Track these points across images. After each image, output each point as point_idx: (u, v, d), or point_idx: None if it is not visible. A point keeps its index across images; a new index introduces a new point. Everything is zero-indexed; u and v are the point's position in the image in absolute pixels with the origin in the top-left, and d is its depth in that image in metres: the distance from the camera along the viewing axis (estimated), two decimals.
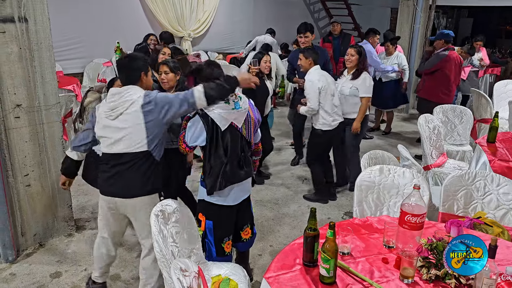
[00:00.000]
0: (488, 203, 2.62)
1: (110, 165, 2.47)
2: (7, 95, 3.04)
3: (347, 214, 4.11)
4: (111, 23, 7.61)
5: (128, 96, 2.39)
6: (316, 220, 1.80)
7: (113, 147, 2.43)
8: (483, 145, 3.56)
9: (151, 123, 2.40)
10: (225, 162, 2.52)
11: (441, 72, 5.22)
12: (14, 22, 2.97)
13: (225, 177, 2.53)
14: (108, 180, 2.49)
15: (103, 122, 2.44)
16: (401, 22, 7.93)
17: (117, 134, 2.40)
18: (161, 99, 2.41)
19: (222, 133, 2.49)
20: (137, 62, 2.51)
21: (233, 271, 2.36)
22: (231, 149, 2.53)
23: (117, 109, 2.39)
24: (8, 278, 3.06)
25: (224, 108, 2.49)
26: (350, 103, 4.19)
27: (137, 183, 2.46)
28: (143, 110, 2.37)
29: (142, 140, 2.41)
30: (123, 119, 2.39)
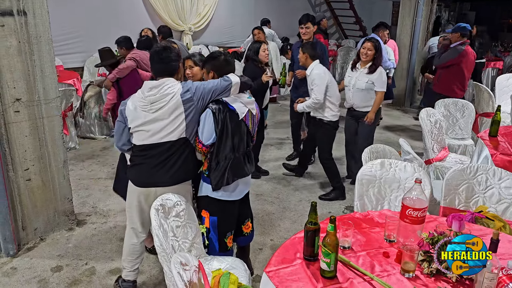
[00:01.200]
0: (489, 197, 2.61)
1: (149, 156, 2.47)
2: (6, 89, 3.02)
3: (348, 209, 4.10)
4: (111, 17, 7.57)
5: (168, 90, 2.39)
6: (316, 214, 1.79)
7: (152, 138, 2.43)
8: (485, 139, 3.54)
9: (190, 111, 2.43)
10: (233, 157, 2.53)
11: (457, 66, 5.18)
12: (13, 15, 2.95)
13: (232, 172, 2.53)
14: (149, 171, 2.48)
15: (139, 115, 2.41)
16: (403, 16, 7.88)
17: (157, 125, 2.41)
18: (198, 89, 2.45)
19: (232, 128, 2.49)
20: (175, 54, 2.49)
21: (233, 265, 2.36)
22: (239, 144, 2.55)
23: (158, 102, 2.38)
24: (9, 272, 3.07)
25: (242, 97, 2.57)
26: (365, 97, 4.17)
27: (179, 170, 2.49)
28: (183, 100, 2.40)
29: (181, 128, 2.43)
30: (164, 111, 2.39)
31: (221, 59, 2.63)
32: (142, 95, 2.42)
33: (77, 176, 4.66)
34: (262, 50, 4.33)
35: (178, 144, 2.46)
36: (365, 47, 4.09)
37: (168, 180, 2.49)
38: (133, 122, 2.44)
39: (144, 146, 2.46)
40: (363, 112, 4.23)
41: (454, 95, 5.11)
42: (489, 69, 8.11)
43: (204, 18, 9.30)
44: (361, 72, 4.15)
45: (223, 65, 2.61)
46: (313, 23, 4.67)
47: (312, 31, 4.68)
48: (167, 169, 2.48)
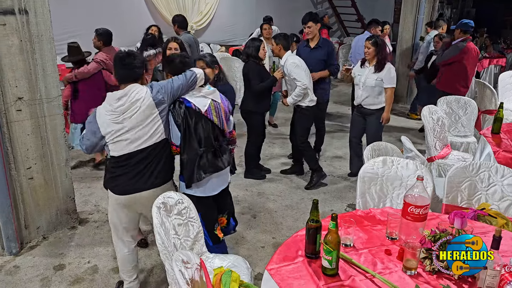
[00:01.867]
0: (492, 195, 2.60)
1: (132, 164, 2.43)
2: (8, 88, 3.03)
3: (350, 206, 4.10)
4: (113, 15, 7.56)
5: (136, 95, 2.36)
6: (318, 212, 1.78)
7: (132, 146, 2.40)
8: (487, 136, 3.53)
9: (164, 112, 2.45)
10: (201, 153, 2.55)
11: (459, 64, 5.13)
12: (14, 14, 2.95)
13: (202, 168, 2.56)
14: (132, 179, 2.45)
15: (113, 128, 2.36)
16: (405, 13, 7.85)
17: (134, 133, 2.38)
18: (167, 87, 2.46)
19: (194, 124, 2.51)
20: (139, 60, 2.46)
21: (235, 263, 2.36)
22: (205, 139, 2.56)
23: (129, 110, 2.35)
24: (12, 270, 3.08)
25: (202, 90, 2.60)
26: (375, 95, 4.18)
27: (162, 172, 2.51)
28: (156, 102, 2.40)
29: (160, 130, 2.45)
30: (138, 117, 2.37)
31: (176, 61, 2.69)
32: (110, 107, 2.36)
33: (79, 174, 4.67)
34: (262, 48, 4.35)
35: (159, 147, 2.47)
36: (365, 46, 4.13)
37: (151, 184, 2.48)
38: (108, 134, 2.38)
39: (125, 156, 2.42)
40: (371, 110, 4.23)
41: (457, 92, 5.08)
42: (492, 66, 8.09)
43: (206, 16, 9.30)
44: (369, 70, 4.15)
45: (180, 68, 2.63)
46: (315, 21, 4.63)
47: (315, 30, 4.64)
48: (149, 174, 2.47)
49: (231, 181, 4.58)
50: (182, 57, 2.74)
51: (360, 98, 4.27)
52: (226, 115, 2.70)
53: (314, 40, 4.69)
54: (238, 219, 3.80)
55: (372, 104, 4.22)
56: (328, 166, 5.08)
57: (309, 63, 4.38)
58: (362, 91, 4.22)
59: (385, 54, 4.12)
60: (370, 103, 4.22)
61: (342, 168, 5.04)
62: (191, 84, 2.52)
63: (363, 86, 4.20)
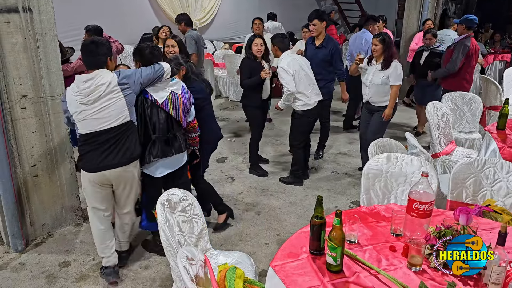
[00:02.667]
0: (497, 191, 2.59)
1: (99, 142, 2.63)
2: (13, 86, 3.04)
3: (354, 203, 4.09)
4: (116, 13, 7.57)
5: (101, 80, 2.55)
6: (322, 208, 1.78)
7: (98, 126, 2.60)
8: (492, 132, 3.51)
9: (129, 96, 2.64)
10: (153, 139, 2.82)
11: (466, 64, 5.07)
12: (18, 12, 2.96)
13: (151, 153, 2.83)
14: (99, 157, 2.65)
15: (79, 108, 2.56)
16: (408, 9, 7.80)
17: (100, 114, 2.57)
18: (134, 74, 2.67)
19: (148, 113, 2.77)
20: (103, 48, 2.64)
21: (239, 259, 2.36)
22: (159, 128, 2.82)
23: (94, 93, 2.54)
24: (17, 267, 3.10)
25: (165, 82, 2.82)
26: (381, 92, 4.15)
27: (127, 152, 2.70)
28: (120, 86, 2.59)
29: (124, 112, 2.64)
30: (103, 100, 2.55)
31: (146, 52, 2.87)
32: (77, 89, 2.55)
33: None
34: (254, 44, 4.34)
35: (124, 128, 2.66)
36: (372, 43, 4.11)
37: (117, 162, 2.68)
38: (75, 114, 2.59)
39: (91, 134, 2.61)
40: (378, 107, 4.22)
41: (463, 89, 5.04)
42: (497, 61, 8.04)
43: (209, 13, 9.28)
44: (376, 68, 4.13)
45: (149, 58, 2.84)
46: (321, 19, 4.59)
47: (320, 28, 4.60)
48: (115, 152, 2.67)
49: (235, 178, 4.60)
50: (151, 48, 2.90)
51: (367, 96, 4.26)
52: (184, 107, 2.92)
53: (320, 38, 4.67)
54: (242, 216, 3.82)
55: (379, 101, 4.20)
56: (332, 163, 5.07)
57: (313, 62, 4.36)
58: (369, 88, 4.20)
59: (392, 52, 4.08)
60: (377, 100, 4.20)
61: (346, 164, 5.03)
62: (158, 76, 2.73)
63: (370, 83, 4.18)
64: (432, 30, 5.80)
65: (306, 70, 4.17)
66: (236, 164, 5.02)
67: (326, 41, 4.66)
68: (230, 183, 4.50)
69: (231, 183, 4.50)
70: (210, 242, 2.52)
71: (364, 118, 4.47)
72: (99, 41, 2.68)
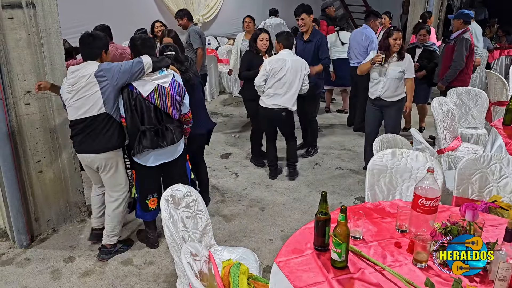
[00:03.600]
0: (503, 187, 2.56)
1: (79, 128, 2.86)
2: (17, 82, 3.04)
3: (359, 199, 4.08)
4: (120, 8, 7.57)
5: (84, 72, 2.73)
6: (327, 204, 1.77)
7: (77, 114, 2.81)
8: (498, 127, 3.48)
9: (106, 88, 2.75)
10: (142, 130, 2.89)
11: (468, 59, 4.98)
12: (21, 7, 2.95)
13: (141, 143, 2.90)
14: (81, 140, 2.90)
15: (66, 96, 2.80)
16: (414, 4, 7.76)
17: (78, 103, 2.78)
18: (112, 68, 2.76)
19: (134, 105, 2.85)
20: (99, 41, 2.85)
21: (243, 255, 2.36)
22: (147, 119, 2.88)
23: (76, 84, 2.73)
24: (23, 262, 3.11)
25: (152, 75, 2.87)
26: (395, 86, 4.12)
27: (103, 140, 2.88)
28: (97, 78, 2.72)
29: (100, 104, 2.78)
30: (82, 91, 2.74)
31: (138, 43, 2.99)
32: (65, 78, 2.81)
33: None
34: (259, 38, 4.41)
35: (100, 118, 2.82)
36: (396, 38, 3.98)
37: (92, 149, 2.90)
38: (64, 101, 2.84)
39: (73, 121, 2.86)
40: (391, 101, 4.17)
41: (465, 84, 4.99)
42: (503, 57, 7.96)
43: (213, 9, 9.26)
44: (390, 62, 4.07)
45: (139, 49, 2.96)
46: (308, 13, 4.60)
47: (308, 22, 4.62)
48: (92, 140, 2.87)
49: (239, 174, 4.59)
50: (143, 40, 3.03)
51: (380, 91, 4.15)
52: (173, 100, 2.95)
53: (308, 33, 4.68)
54: (247, 212, 3.82)
55: (392, 96, 4.15)
56: (337, 159, 5.06)
57: (303, 57, 4.35)
58: (383, 83, 4.11)
59: (404, 45, 4.09)
60: (390, 95, 4.15)
61: (350, 161, 5.01)
62: (137, 72, 2.79)
63: (384, 78, 4.11)
64: (427, 26, 5.58)
65: (287, 76, 4.05)
66: (240, 159, 5.01)
67: (313, 34, 4.69)
68: (234, 179, 4.49)
69: (235, 179, 4.50)
70: (214, 238, 2.51)
71: (372, 116, 4.39)
72: (95, 34, 2.87)
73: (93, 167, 3.01)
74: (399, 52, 4.03)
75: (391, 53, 4.05)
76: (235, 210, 3.86)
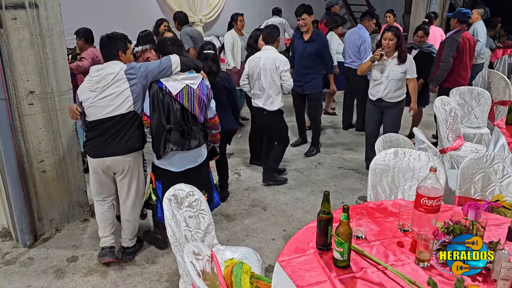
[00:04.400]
0: (506, 186, 2.56)
1: (103, 129, 2.78)
2: (20, 82, 3.05)
3: (361, 199, 4.07)
4: (122, 9, 7.56)
5: (111, 70, 2.73)
6: (329, 203, 1.77)
7: (103, 113, 2.75)
8: (501, 127, 3.47)
9: (135, 87, 2.76)
10: (168, 128, 2.84)
11: (458, 58, 4.98)
12: (25, 8, 2.96)
13: (167, 141, 2.85)
14: (103, 143, 2.80)
15: (88, 95, 2.74)
16: (416, 3, 7.74)
17: (106, 101, 2.73)
18: (141, 66, 2.78)
19: (161, 102, 2.80)
20: (115, 42, 2.84)
21: (246, 255, 2.36)
22: (174, 118, 2.84)
23: (103, 81, 2.72)
24: (26, 262, 3.12)
25: (182, 74, 2.85)
26: (397, 87, 4.10)
27: (129, 141, 2.83)
28: (127, 76, 2.73)
29: (129, 102, 2.76)
30: (110, 89, 2.72)
31: (168, 44, 2.98)
32: (89, 77, 2.77)
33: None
34: (261, 38, 4.38)
35: (128, 117, 2.79)
36: (386, 38, 3.97)
37: (118, 150, 2.82)
38: (84, 102, 2.77)
39: (96, 121, 2.77)
40: (393, 102, 4.16)
41: (457, 85, 4.94)
42: (506, 56, 7.93)
43: (215, 9, 9.25)
44: (390, 62, 4.04)
45: (169, 49, 2.93)
46: (308, 13, 4.61)
47: (309, 22, 4.62)
48: (117, 140, 2.80)
49: (241, 174, 4.60)
50: (172, 40, 3.04)
51: (381, 92, 4.14)
52: (200, 102, 2.90)
53: (308, 33, 4.68)
54: (249, 211, 3.82)
55: (394, 97, 4.13)
56: (339, 159, 5.06)
57: (303, 57, 4.35)
58: (386, 84, 4.10)
59: (405, 45, 4.04)
60: (391, 96, 4.13)
61: (353, 160, 5.01)
62: (164, 70, 2.78)
63: (386, 79, 4.08)
64: (425, 28, 5.42)
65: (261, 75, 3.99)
66: (242, 159, 5.02)
67: (315, 35, 4.70)
68: (236, 179, 4.50)
69: (237, 179, 4.50)
70: (217, 237, 2.52)
71: (372, 117, 4.38)
72: (112, 35, 2.87)
73: (111, 171, 2.91)
74: (400, 55, 3.99)
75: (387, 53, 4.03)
76: (237, 210, 3.86)
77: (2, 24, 2.90)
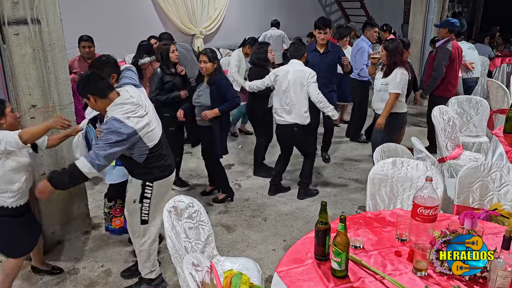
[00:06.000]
0: (504, 195, 2.57)
1: (164, 145, 2.76)
2: (22, 96, 3.09)
3: (361, 208, 4.08)
4: (123, 22, 7.65)
5: (136, 91, 2.70)
6: (327, 214, 1.79)
7: (159, 131, 2.69)
8: (499, 136, 3.49)
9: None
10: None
11: (449, 67, 5.02)
12: (27, 24, 3.01)
13: None
14: (170, 156, 2.82)
15: (146, 121, 2.55)
16: (414, 13, 7.80)
17: (154, 119, 2.69)
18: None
19: None
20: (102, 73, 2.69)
21: (245, 265, 2.37)
22: None
23: (139, 102, 2.63)
24: (28, 274, 3.13)
25: None
26: (381, 99, 4.10)
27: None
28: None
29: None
30: (148, 106, 2.70)
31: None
32: (132, 106, 2.48)
33: (92, 180, 4.71)
34: (269, 51, 4.49)
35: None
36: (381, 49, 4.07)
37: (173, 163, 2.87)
38: (145, 128, 2.52)
39: (157, 142, 2.63)
40: (379, 114, 4.16)
41: (449, 94, 5.01)
42: (504, 65, 7.99)
43: (215, 21, 9.36)
44: (379, 74, 4.12)
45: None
46: (330, 27, 4.67)
47: (328, 36, 4.68)
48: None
49: (242, 184, 4.61)
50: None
51: (373, 102, 4.24)
52: None
53: (324, 45, 4.71)
54: (249, 222, 3.83)
55: (379, 108, 4.13)
56: (339, 168, 5.07)
57: (320, 69, 4.36)
58: (374, 94, 4.19)
59: (396, 59, 3.91)
60: (377, 107, 4.17)
61: (353, 170, 5.03)
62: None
63: (374, 89, 4.19)
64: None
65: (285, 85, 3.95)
66: (243, 170, 5.03)
67: (331, 46, 4.74)
68: (237, 190, 4.51)
69: (238, 189, 4.51)
70: (217, 248, 2.53)
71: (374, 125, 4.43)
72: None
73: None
74: (387, 67, 3.96)
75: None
76: (237, 221, 3.88)
77: (5, 39, 2.95)
